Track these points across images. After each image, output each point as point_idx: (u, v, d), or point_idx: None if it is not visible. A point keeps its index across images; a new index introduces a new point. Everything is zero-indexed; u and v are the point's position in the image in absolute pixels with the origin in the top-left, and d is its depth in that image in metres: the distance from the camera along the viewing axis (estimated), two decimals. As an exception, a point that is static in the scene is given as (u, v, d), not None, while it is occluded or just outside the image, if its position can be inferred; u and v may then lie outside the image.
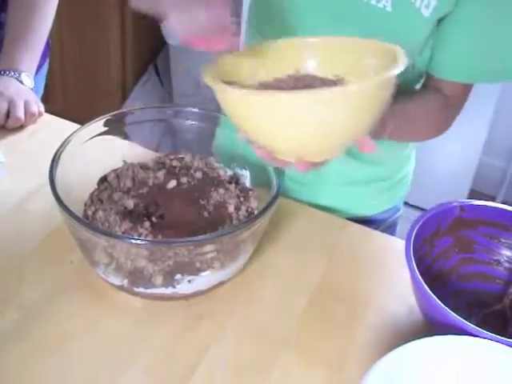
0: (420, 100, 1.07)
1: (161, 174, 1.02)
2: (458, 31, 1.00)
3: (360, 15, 0.99)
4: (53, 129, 1.24)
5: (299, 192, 1.17)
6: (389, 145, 1.16)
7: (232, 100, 0.76)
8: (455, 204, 0.94)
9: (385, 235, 1.09)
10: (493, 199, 2.70)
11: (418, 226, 0.89)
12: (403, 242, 0.87)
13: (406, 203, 2.50)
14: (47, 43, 1.44)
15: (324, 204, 1.18)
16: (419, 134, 1.12)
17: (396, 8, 0.97)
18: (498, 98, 2.28)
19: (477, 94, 2.25)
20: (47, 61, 1.58)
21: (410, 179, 1.33)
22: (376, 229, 1.15)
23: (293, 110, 0.72)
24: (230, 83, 0.80)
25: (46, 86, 1.62)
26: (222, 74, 0.81)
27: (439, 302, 0.79)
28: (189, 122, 1.07)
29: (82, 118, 1.06)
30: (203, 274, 0.88)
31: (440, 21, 1.00)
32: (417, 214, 0.92)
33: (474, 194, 2.60)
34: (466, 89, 1.08)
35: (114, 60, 2.63)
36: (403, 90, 1.06)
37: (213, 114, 1.07)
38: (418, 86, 1.12)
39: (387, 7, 0.97)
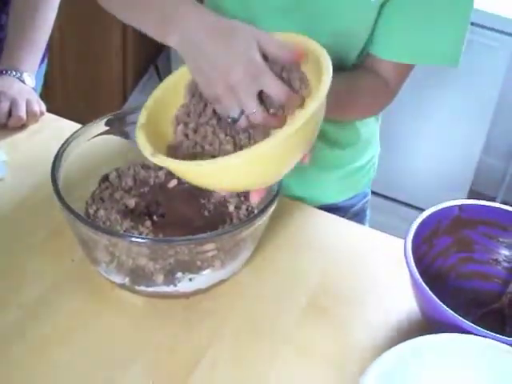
0: (357, 78, 1.08)
1: (162, 173, 1.02)
2: (394, 11, 1.01)
3: (308, 1, 1.00)
4: (54, 128, 1.24)
5: None
6: (347, 126, 1.17)
7: (181, 170, 0.80)
8: (454, 204, 0.94)
9: (385, 234, 1.09)
10: (492, 199, 2.70)
11: (417, 226, 0.89)
12: (402, 240, 0.88)
13: (405, 203, 2.53)
14: (46, 44, 1.45)
15: (291, 193, 1.16)
16: (351, 111, 1.11)
17: None
18: (498, 98, 2.28)
19: (476, 94, 2.27)
20: (46, 60, 1.59)
21: (375, 163, 1.33)
22: (343, 216, 1.15)
23: (238, 170, 0.76)
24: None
25: (47, 86, 1.62)
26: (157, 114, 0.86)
27: (438, 301, 0.80)
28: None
29: (82, 119, 1.07)
30: (204, 272, 0.89)
31: (383, 4, 1.01)
32: (416, 213, 0.92)
33: (473, 194, 2.60)
34: (401, 71, 1.08)
35: (115, 61, 2.63)
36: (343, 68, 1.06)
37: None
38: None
39: None
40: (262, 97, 0.79)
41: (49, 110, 1.29)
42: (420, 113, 2.36)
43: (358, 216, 1.31)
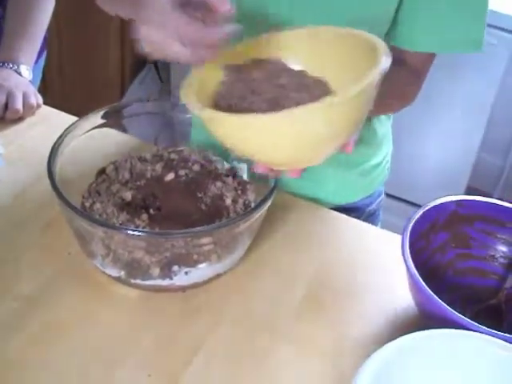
0: (389, 72, 1.07)
1: (159, 167, 1.02)
2: (417, 2, 1.01)
3: (331, 2, 1.00)
4: (51, 121, 1.24)
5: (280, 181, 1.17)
6: (364, 123, 1.16)
7: (227, 125, 0.76)
8: (452, 199, 0.94)
9: (381, 229, 1.09)
10: (489, 196, 2.70)
11: (414, 221, 0.89)
12: (400, 236, 0.87)
13: (402, 199, 2.53)
14: (44, 37, 1.44)
15: (305, 193, 1.17)
16: (387, 106, 1.12)
17: None
18: (496, 94, 2.28)
19: (474, 91, 2.27)
20: (44, 54, 1.59)
21: (389, 161, 1.32)
22: (360, 216, 1.14)
23: (289, 127, 0.73)
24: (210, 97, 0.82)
25: (45, 80, 1.62)
26: (200, 86, 0.82)
27: (435, 296, 0.79)
28: (187, 116, 1.07)
29: (79, 112, 1.06)
30: (200, 266, 0.89)
31: None
32: (413, 209, 0.92)
33: (470, 190, 2.60)
34: (428, 60, 1.09)
35: (113, 56, 2.63)
36: None
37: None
38: None
39: None
40: None
41: (46, 104, 1.29)
42: (417, 110, 2.35)
43: (373, 215, 1.30)
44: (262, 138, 0.75)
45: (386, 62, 0.76)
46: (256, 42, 0.88)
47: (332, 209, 1.13)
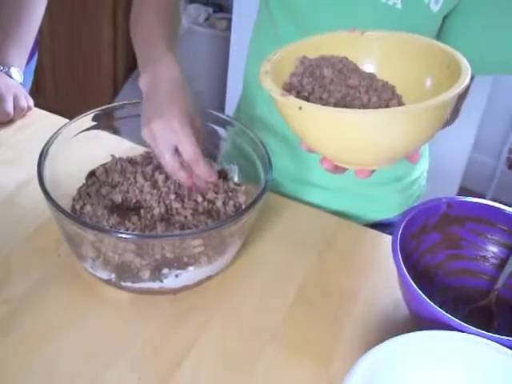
0: None
1: (149, 169, 1.02)
2: (459, 24, 1.01)
3: (371, 14, 0.99)
4: (42, 123, 1.24)
5: (322, 198, 1.19)
6: None
7: (306, 115, 0.74)
8: (443, 200, 0.94)
9: (373, 230, 1.09)
10: (482, 196, 2.70)
11: (405, 222, 0.89)
12: (391, 237, 0.87)
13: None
14: (36, 38, 1.44)
15: (338, 209, 1.17)
16: None
17: (406, 5, 0.97)
18: (489, 95, 2.28)
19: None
20: (35, 56, 1.58)
21: (425, 177, 1.32)
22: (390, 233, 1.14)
23: (366, 127, 0.71)
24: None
25: (37, 82, 1.62)
26: (274, 75, 0.80)
27: (425, 298, 0.79)
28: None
29: (72, 114, 1.06)
30: (191, 268, 0.88)
31: (445, 16, 1.01)
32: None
33: (463, 191, 2.61)
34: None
35: (106, 56, 2.63)
36: None
37: (202, 109, 1.06)
38: None
39: (397, 4, 0.97)
40: None
41: (38, 106, 1.29)
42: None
43: None
44: (343, 135, 0.74)
45: (468, 78, 0.75)
46: (330, 37, 0.87)
47: (367, 225, 1.12)
